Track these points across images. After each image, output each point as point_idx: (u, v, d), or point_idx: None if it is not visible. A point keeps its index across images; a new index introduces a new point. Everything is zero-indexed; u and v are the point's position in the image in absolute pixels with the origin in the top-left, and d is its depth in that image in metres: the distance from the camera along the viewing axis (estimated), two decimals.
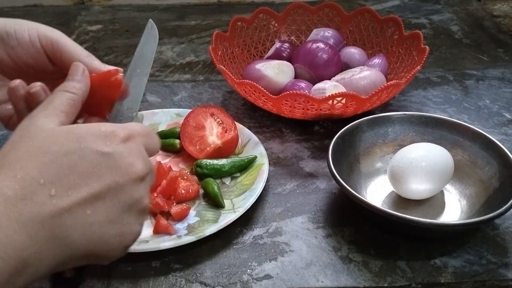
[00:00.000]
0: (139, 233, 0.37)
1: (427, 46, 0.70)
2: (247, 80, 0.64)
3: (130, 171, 0.36)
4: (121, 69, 0.45)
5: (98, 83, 0.44)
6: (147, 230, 0.53)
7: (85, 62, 0.44)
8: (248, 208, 0.54)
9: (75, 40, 0.95)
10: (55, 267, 0.33)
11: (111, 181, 0.35)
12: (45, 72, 0.46)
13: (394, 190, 0.57)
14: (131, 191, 0.36)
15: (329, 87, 0.67)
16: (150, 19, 0.51)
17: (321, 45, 0.74)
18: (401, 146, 0.58)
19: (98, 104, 0.45)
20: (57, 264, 0.33)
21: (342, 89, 0.68)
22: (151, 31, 0.50)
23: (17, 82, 0.43)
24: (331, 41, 0.77)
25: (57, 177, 0.33)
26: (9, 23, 0.45)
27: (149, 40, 0.50)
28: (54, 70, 0.47)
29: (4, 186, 0.32)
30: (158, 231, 0.52)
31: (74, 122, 0.41)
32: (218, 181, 0.59)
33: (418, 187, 0.54)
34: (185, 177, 0.58)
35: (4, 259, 0.30)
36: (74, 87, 0.41)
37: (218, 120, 0.64)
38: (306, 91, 0.69)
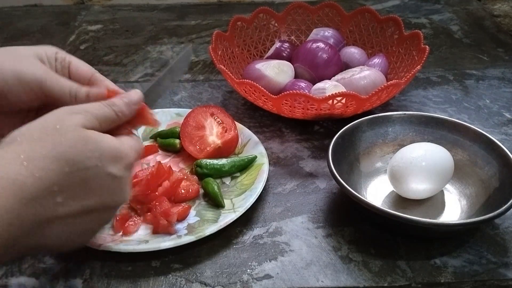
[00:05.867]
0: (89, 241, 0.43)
1: (427, 46, 0.70)
2: (247, 80, 0.64)
3: (121, 199, 0.40)
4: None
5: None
6: (147, 230, 0.53)
7: (74, 103, 0.44)
8: (248, 208, 0.54)
9: (75, 40, 0.96)
10: (21, 255, 0.38)
11: (105, 202, 0.39)
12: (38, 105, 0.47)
13: (394, 190, 0.57)
14: (110, 213, 0.41)
15: (329, 87, 0.67)
16: (191, 46, 0.56)
17: (321, 44, 0.74)
18: (401, 146, 0.58)
19: None
20: (25, 252, 0.37)
21: (342, 89, 0.68)
22: (187, 56, 0.54)
23: None
24: (331, 41, 0.77)
25: (68, 188, 0.36)
26: None
27: (183, 61, 0.53)
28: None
29: (23, 183, 0.34)
30: (158, 231, 0.52)
31: None
32: (218, 181, 0.59)
33: (418, 187, 0.54)
34: (185, 177, 0.58)
35: None
36: (122, 112, 0.43)
37: (218, 120, 0.64)
38: (306, 91, 0.69)
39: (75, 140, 0.37)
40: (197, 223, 0.54)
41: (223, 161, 0.60)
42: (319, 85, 0.69)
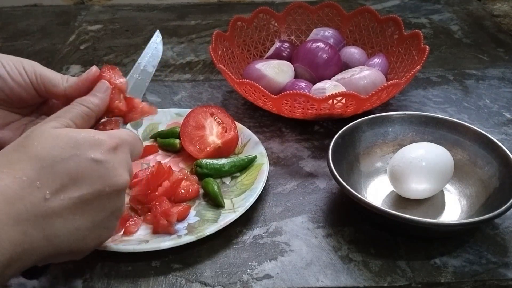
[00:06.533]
0: (112, 235, 0.42)
1: (427, 46, 0.70)
2: (247, 80, 0.64)
3: (118, 182, 0.39)
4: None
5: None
6: (147, 230, 0.53)
7: (66, 87, 0.46)
8: (248, 208, 0.54)
9: (75, 40, 0.96)
10: (38, 262, 0.37)
11: (100, 189, 0.38)
12: (34, 104, 0.48)
13: (394, 190, 0.57)
14: (115, 200, 0.40)
15: (329, 86, 0.67)
16: (158, 30, 0.55)
17: (321, 44, 0.74)
18: (401, 145, 0.58)
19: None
20: (41, 259, 0.36)
21: (342, 89, 0.68)
22: (157, 43, 0.54)
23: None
24: (331, 41, 0.77)
25: (52, 181, 0.36)
26: None
27: (153, 52, 0.53)
28: (41, 102, 0.49)
29: (5, 185, 0.34)
30: (158, 231, 0.52)
31: None
32: (218, 181, 0.59)
33: (418, 187, 0.54)
34: (185, 177, 0.58)
35: (1, 253, 0.33)
36: (93, 103, 0.44)
37: (218, 119, 0.64)
38: (306, 90, 0.69)
39: (45, 139, 0.37)
40: (197, 223, 0.54)
41: (223, 161, 0.60)
42: (319, 85, 0.69)
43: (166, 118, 0.69)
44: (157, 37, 0.54)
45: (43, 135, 0.38)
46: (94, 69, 0.47)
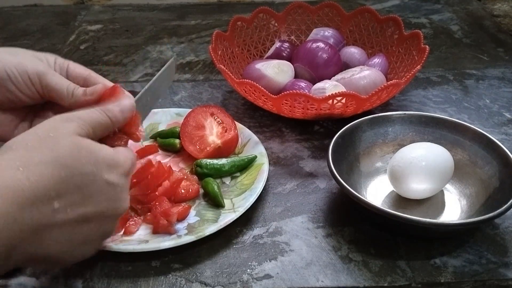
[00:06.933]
0: (93, 253, 0.42)
1: (427, 46, 0.70)
2: (247, 80, 0.64)
3: (119, 207, 0.40)
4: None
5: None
6: (147, 230, 0.53)
7: (71, 103, 0.46)
8: (248, 207, 0.54)
9: (75, 40, 0.96)
10: (22, 264, 0.37)
11: (103, 210, 0.39)
12: (38, 104, 0.48)
13: (394, 190, 0.57)
14: (112, 223, 0.41)
15: (329, 86, 0.67)
16: (174, 57, 0.55)
17: (321, 44, 0.74)
18: (401, 145, 0.58)
19: None
20: (25, 261, 0.36)
21: (342, 89, 0.68)
22: (170, 70, 0.54)
23: None
24: (331, 41, 0.77)
25: (65, 193, 0.36)
26: None
27: (166, 78, 0.53)
28: (47, 102, 0.48)
29: (20, 188, 0.34)
30: (158, 231, 0.52)
31: None
32: (218, 180, 0.59)
33: (418, 187, 0.54)
34: (185, 177, 0.58)
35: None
36: (116, 118, 0.43)
37: (218, 119, 0.64)
38: (306, 90, 0.69)
39: (69, 147, 0.37)
40: (197, 223, 0.54)
41: (223, 161, 0.60)
42: (319, 85, 0.69)
43: (166, 118, 0.69)
44: (172, 63, 0.54)
45: (67, 140, 0.37)
46: (100, 86, 0.46)
